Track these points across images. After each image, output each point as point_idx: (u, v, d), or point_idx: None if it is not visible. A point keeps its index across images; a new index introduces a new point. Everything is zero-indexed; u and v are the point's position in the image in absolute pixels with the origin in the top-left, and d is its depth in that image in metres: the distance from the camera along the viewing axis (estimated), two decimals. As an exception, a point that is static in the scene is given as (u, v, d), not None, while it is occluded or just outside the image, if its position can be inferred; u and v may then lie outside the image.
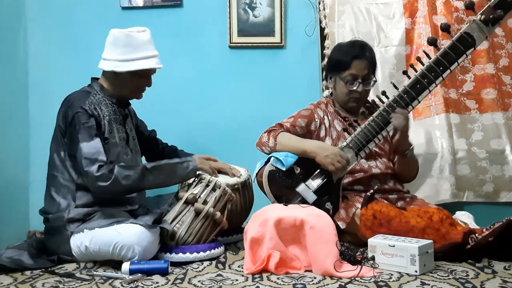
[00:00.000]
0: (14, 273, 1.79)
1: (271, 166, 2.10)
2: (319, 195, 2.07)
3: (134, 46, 2.02)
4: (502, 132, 2.61)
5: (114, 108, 2.09)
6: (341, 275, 1.64)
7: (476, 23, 1.97)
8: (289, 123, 2.24)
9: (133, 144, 2.19)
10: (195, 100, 2.78)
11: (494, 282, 1.54)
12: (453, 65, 2.00)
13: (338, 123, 2.27)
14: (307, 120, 2.26)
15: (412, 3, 2.72)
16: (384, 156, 2.25)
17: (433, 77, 2.01)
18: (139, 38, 2.03)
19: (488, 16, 1.95)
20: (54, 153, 2.03)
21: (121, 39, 2.02)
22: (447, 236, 1.82)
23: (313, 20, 2.75)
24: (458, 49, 1.98)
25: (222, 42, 2.77)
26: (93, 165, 1.90)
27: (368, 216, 1.95)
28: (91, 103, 2.00)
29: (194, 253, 1.87)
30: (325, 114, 2.30)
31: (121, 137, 2.09)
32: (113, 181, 1.90)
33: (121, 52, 2.02)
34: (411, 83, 2.04)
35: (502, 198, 2.62)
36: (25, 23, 2.73)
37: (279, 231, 1.77)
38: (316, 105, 2.34)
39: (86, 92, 2.06)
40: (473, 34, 1.97)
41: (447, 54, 1.99)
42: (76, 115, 1.95)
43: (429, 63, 2.02)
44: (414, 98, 2.05)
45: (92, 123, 1.96)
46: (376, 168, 2.20)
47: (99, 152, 1.92)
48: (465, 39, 1.97)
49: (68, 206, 1.96)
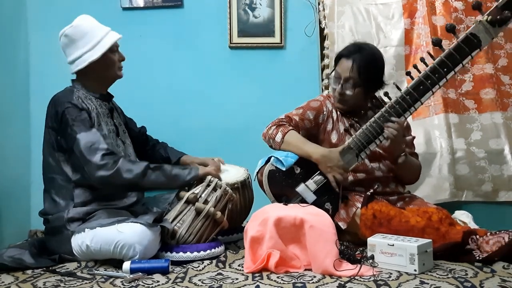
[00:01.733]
0: (15, 272, 1.80)
1: (271, 166, 2.10)
2: (319, 195, 2.07)
3: (90, 31, 2.04)
4: (501, 132, 2.62)
5: (99, 102, 2.10)
6: (340, 274, 1.64)
7: (482, 24, 1.91)
8: (298, 117, 2.21)
9: (124, 137, 2.20)
10: (195, 100, 2.79)
11: (493, 281, 1.55)
12: (457, 66, 1.94)
13: (346, 119, 2.24)
14: (316, 113, 2.23)
15: (411, 4, 2.73)
16: (388, 158, 2.20)
17: (437, 78, 1.96)
18: (87, 23, 2.06)
19: (495, 17, 1.89)
20: (47, 155, 2.03)
21: (75, 33, 2.03)
22: (447, 235, 1.83)
23: (313, 21, 2.76)
24: (463, 50, 1.91)
25: (222, 42, 2.78)
26: (95, 153, 1.90)
27: (368, 216, 1.95)
28: (78, 98, 2.01)
29: (195, 252, 1.88)
30: (334, 107, 2.26)
31: (110, 129, 2.10)
32: (115, 172, 1.90)
33: (83, 43, 2.03)
34: (414, 84, 1.99)
35: (501, 198, 2.63)
36: (26, 23, 2.75)
37: (279, 230, 1.78)
38: (326, 97, 2.31)
39: (70, 90, 2.07)
40: (479, 35, 1.91)
41: (451, 55, 1.93)
42: (67, 110, 1.95)
43: (432, 64, 1.96)
44: (417, 99, 1.99)
45: (84, 115, 1.96)
46: (379, 170, 2.18)
47: (99, 141, 1.92)
48: (471, 40, 1.91)
49: (67, 205, 1.96)
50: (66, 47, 2.07)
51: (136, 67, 2.72)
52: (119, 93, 2.28)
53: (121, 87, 2.27)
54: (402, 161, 2.13)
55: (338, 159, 2.06)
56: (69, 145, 1.96)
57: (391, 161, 2.17)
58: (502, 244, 1.75)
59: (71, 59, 2.06)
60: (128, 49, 2.24)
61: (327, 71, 2.69)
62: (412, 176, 2.28)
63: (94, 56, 2.02)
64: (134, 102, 2.54)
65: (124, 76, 2.21)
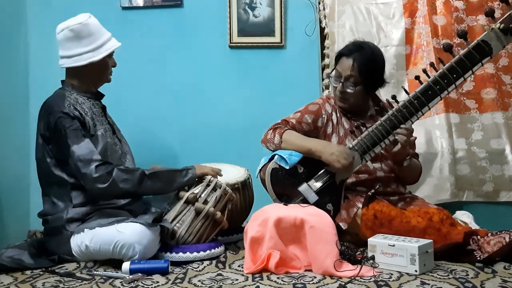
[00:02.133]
0: (14, 272, 1.79)
1: (275, 164, 2.09)
2: (321, 195, 2.06)
3: (96, 32, 2.03)
4: (502, 132, 2.61)
5: (91, 102, 2.10)
6: (341, 275, 1.64)
7: (494, 32, 1.87)
8: (295, 120, 2.21)
9: (119, 135, 2.21)
10: (195, 99, 2.78)
11: (494, 282, 1.54)
12: (467, 73, 1.91)
13: (346, 121, 2.24)
14: (314, 116, 2.23)
15: (412, 3, 2.72)
16: (389, 158, 2.20)
17: (446, 84, 1.93)
18: (95, 23, 2.05)
19: (508, 25, 1.85)
20: (42, 160, 2.01)
21: (83, 31, 2.01)
22: (448, 236, 1.83)
23: (313, 20, 2.75)
24: (473, 57, 1.89)
25: (222, 42, 2.77)
26: (89, 166, 1.89)
27: (369, 216, 1.94)
28: (69, 105, 1.97)
29: (194, 252, 1.88)
30: (334, 110, 2.25)
31: (106, 128, 2.10)
32: (111, 183, 1.89)
33: (88, 42, 2.02)
34: (422, 89, 1.97)
35: (502, 198, 2.62)
36: (26, 22, 2.74)
37: (279, 230, 1.77)
38: (325, 100, 2.30)
39: (62, 94, 2.04)
40: (491, 42, 1.87)
41: (462, 61, 1.90)
42: (59, 120, 1.93)
43: (442, 69, 1.94)
44: (424, 104, 1.97)
45: (76, 124, 1.94)
46: (381, 171, 2.18)
47: (92, 152, 1.92)
48: (482, 48, 1.88)
49: (66, 207, 1.96)
50: (67, 40, 2.02)
51: (135, 66, 2.72)
52: (118, 93, 2.28)
53: (120, 87, 2.27)
54: (407, 164, 2.13)
55: (339, 146, 2.07)
56: (64, 156, 1.94)
57: (394, 163, 2.17)
58: (503, 244, 1.75)
59: (70, 54, 2.03)
60: (127, 48, 2.24)
61: (328, 70, 2.68)
62: (414, 178, 2.28)
63: (95, 58, 2.02)
64: (134, 102, 2.54)
65: (124, 76, 2.21)
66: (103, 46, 2.04)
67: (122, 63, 2.18)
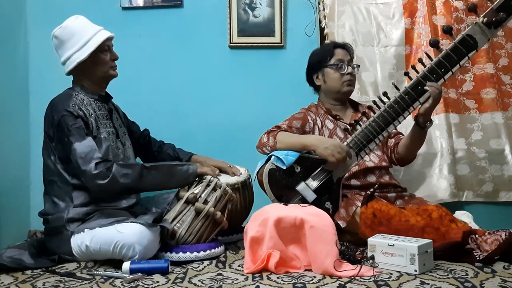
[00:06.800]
0: (14, 272, 1.79)
1: (272, 165, 2.10)
2: (319, 194, 2.08)
3: (78, 31, 2.03)
4: (502, 132, 2.61)
5: (97, 104, 2.10)
6: (340, 275, 1.64)
7: (478, 26, 1.95)
8: (286, 125, 2.28)
9: (124, 138, 2.20)
10: (195, 100, 2.79)
11: (494, 282, 1.54)
12: (454, 67, 1.99)
13: (329, 123, 2.33)
14: (302, 122, 2.31)
15: (412, 3, 2.72)
16: (377, 149, 2.27)
17: (435, 78, 2.01)
18: (78, 23, 2.05)
19: (490, 18, 1.93)
20: (46, 158, 2.04)
21: (64, 34, 2.03)
22: (446, 235, 1.83)
23: (313, 20, 2.75)
24: (460, 51, 1.97)
25: (222, 42, 2.77)
26: (89, 163, 1.90)
27: (368, 215, 1.95)
28: (74, 104, 1.99)
29: (194, 252, 1.88)
30: (317, 115, 2.36)
31: (110, 131, 2.10)
32: (111, 179, 1.90)
33: (72, 44, 2.02)
34: (412, 84, 2.04)
35: (502, 198, 2.62)
36: (26, 23, 2.74)
37: (279, 230, 1.77)
38: (307, 109, 2.42)
39: (69, 94, 2.05)
40: (476, 36, 1.95)
41: (448, 56, 1.98)
42: (62, 118, 1.95)
43: (430, 64, 2.01)
44: (415, 99, 2.03)
45: (80, 123, 1.95)
46: (370, 161, 2.24)
47: (93, 150, 1.92)
48: (467, 41, 1.96)
49: (67, 206, 1.96)
50: (57, 48, 2.08)
51: (135, 66, 2.72)
52: (118, 93, 2.28)
53: (120, 87, 2.27)
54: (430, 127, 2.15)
55: (333, 140, 2.13)
56: (66, 154, 1.96)
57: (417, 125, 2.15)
58: (500, 242, 1.76)
59: (62, 60, 2.07)
60: (127, 48, 2.24)
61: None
62: (415, 152, 2.33)
63: (82, 57, 2.01)
64: (134, 102, 2.54)
65: (124, 76, 2.20)
66: (88, 42, 2.02)
67: (122, 63, 2.18)
